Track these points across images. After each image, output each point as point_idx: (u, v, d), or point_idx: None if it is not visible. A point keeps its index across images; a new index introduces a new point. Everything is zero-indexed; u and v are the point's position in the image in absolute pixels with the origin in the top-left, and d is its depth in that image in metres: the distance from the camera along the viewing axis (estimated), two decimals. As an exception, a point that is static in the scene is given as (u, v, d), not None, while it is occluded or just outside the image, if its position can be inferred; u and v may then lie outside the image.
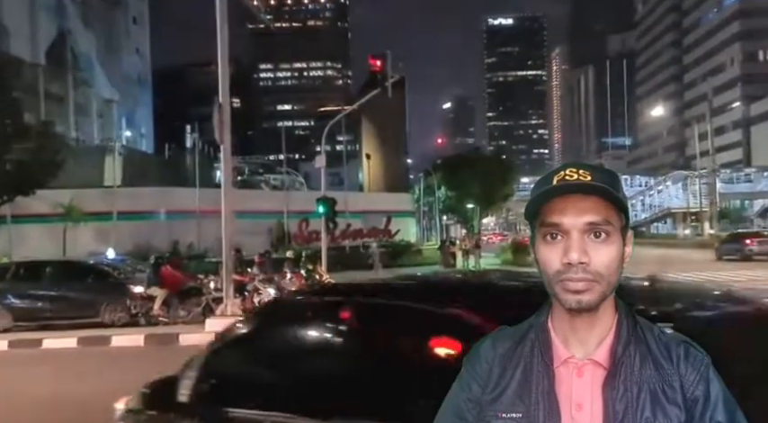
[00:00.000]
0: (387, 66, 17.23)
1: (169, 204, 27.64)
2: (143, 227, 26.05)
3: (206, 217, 28.72)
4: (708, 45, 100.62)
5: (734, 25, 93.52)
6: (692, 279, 17.25)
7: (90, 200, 25.95)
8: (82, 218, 24.97)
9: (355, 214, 32.04)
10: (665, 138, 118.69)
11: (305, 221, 30.70)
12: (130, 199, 26.99)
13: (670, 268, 23.67)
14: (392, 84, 17.96)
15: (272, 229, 29.62)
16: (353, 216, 31.85)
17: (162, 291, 11.92)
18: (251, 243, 25.71)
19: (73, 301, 12.62)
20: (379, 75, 17.51)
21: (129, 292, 12.52)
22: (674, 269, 20.91)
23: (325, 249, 20.06)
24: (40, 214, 25.18)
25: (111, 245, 24.32)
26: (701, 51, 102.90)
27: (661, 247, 47.87)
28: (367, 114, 79.41)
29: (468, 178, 38.37)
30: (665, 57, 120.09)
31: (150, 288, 12.08)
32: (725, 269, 23.89)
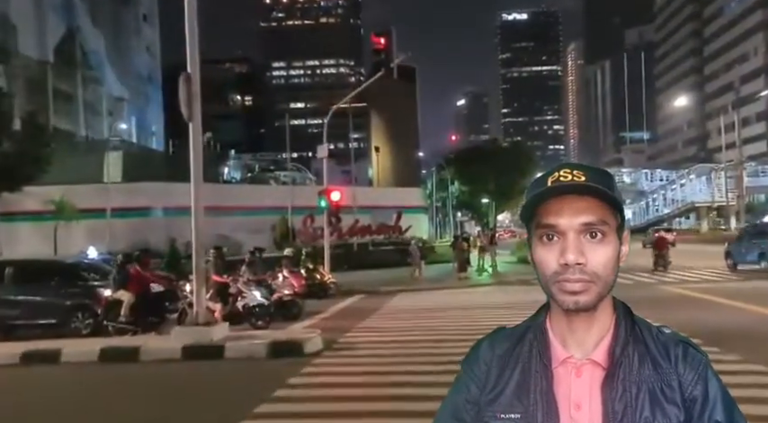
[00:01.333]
0: (391, 43, 15.59)
1: (167, 200, 26.19)
2: (139, 224, 24.68)
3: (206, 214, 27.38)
4: (730, 35, 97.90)
5: (757, 14, 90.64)
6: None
7: (83, 196, 24.66)
8: (74, 215, 23.71)
9: (364, 210, 30.45)
10: (686, 131, 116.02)
11: (310, 217, 29.16)
12: (125, 195, 25.60)
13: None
14: (402, 74, 16.32)
15: (276, 225, 28.15)
16: (362, 212, 30.26)
17: (129, 294, 10.43)
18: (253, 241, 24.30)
19: (36, 305, 11.20)
20: (383, 53, 15.75)
21: (97, 296, 11.05)
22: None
23: (328, 247, 18.53)
24: (30, 212, 23.97)
25: (104, 243, 23.05)
26: (723, 42, 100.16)
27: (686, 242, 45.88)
28: (376, 107, 77.85)
29: (484, 171, 36.51)
30: (684, 48, 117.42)
31: (118, 291, 10.59)
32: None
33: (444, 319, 12.26)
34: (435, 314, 13.18)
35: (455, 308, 13.99)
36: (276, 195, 28.94)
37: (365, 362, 8.13)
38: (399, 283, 20.23)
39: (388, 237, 31.42)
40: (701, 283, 17.69)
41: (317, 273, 17.05)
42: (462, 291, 18.61)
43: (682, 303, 13.24)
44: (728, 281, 18.13)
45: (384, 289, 18.72)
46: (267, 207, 28.54)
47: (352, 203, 30.03)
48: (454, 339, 9.21)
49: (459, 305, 14.54)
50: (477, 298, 16.14)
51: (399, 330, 10.85)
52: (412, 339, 9.66)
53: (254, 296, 10.97)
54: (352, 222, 30.22)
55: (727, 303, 12.78)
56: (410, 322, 11.97)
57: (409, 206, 33.66)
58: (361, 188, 38.96)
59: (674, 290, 16.18)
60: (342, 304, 15.79)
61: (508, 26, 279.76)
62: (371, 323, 12.14)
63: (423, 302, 15.80)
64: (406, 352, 8.67)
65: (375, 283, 20.40)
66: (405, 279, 21.38)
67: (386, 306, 15.26)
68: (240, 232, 27.46)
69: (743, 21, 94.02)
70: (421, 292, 18.46)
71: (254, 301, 10.91)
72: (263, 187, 44.77)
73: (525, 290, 16.44)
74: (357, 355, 8.75)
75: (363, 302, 16.41)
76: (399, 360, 8.09)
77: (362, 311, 14.02)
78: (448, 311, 13.37)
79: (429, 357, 8.10)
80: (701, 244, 40.87)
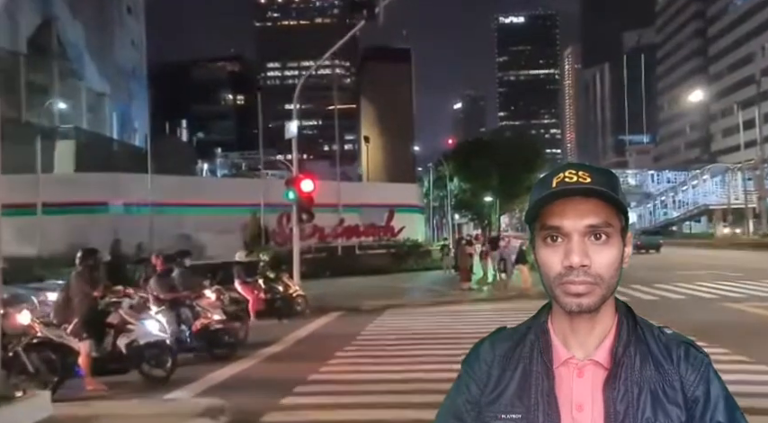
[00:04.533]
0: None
1: (117, 194, 22.22)
2: (80, 222, 20.64)
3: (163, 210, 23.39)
4: (735, 34, 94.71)
5: (765, 12, 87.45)
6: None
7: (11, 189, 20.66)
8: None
9: (351, 208, 26.49)
10: (689, 133, 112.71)
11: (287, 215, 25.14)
12: (64, 188, 21.52)
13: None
14: (396, 57, 12.18)
15: (247, 224, 24.11)
16: (349, 210, 26.31)
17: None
18: (219, 243, 20.32)
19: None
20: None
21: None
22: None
23: (297, 251, 14.58)
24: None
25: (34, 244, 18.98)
26: (728, 41, 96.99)
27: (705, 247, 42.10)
28: (367, 92, 72.48)
29: (487, 166, 32.47)
30: (688, 48, 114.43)
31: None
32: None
33: (453, 358, 8.18)
34: (438, 347, 9.21)
35: (467, 335, 9.77)
36: (249, 190, 24.85)
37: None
38: (389, 296, 16.29)
39: (378, 239, 27.41)
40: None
41: (280, 284, 13.05)
42: (471, 307, 14.65)
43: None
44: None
45: (368, 304, 14.75)
46: (238, 203, 24.50)
47: (336, 200, 26.07)
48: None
49: (471, 331, 10.46)
50: (493, 318, 12.10)
51: (380, 386, 6.89)
52: (400, 404, 5.71)
53: (145, 329, 6.94)
54: (336, 222, 26.22)
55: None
56: (400, 366, 7.98)
57: (403, 205, 29.50)
58: (347, 183, 34.81)
59: (749, 309, 12.30)
60: (309, 327, 11.84)
61: (505, 29, 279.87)
62: (339, 367, 8.15)
63: (420, 324, 11.90)
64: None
65: (359, 294, 16.48)
66: (445, 288, 17.18)
67: (367, 330, 11.36)
68: (205, 232, 23.44)
69: (750, 19, 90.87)
70: (416, 309, 14.50)
71: (146, 336, 6.89)
72: (231, 180, 40.59)
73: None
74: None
75: (338, 324, 12.49)
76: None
77: (332, 341, 10.04)
78: (459, 341, 9.04)
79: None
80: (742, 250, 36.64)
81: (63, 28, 66.87)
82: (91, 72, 71.34)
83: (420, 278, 22.51)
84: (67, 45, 67.65)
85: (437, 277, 22.47)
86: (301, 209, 14.54)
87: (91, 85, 71.15)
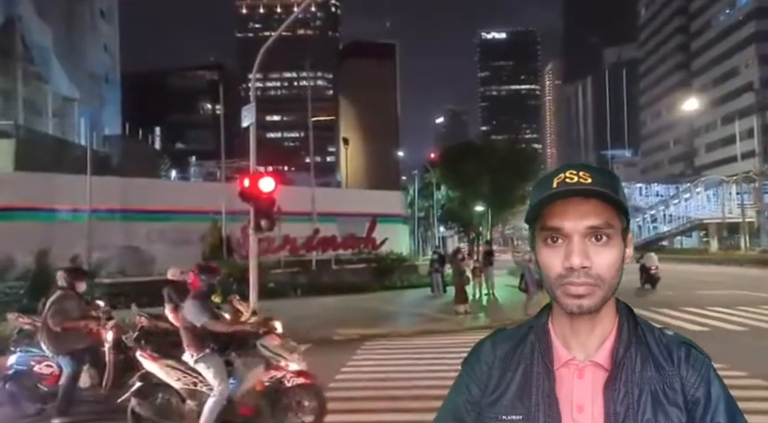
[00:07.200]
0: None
1: (49, 198, 19.01)
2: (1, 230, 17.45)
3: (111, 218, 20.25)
4: (719, 49, 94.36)
5: (750, 26, 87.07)
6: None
7: None
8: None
9: (327, 217, 23.60)
10: (672, 148, 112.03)
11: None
12: (-12, 189, 18.32)
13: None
14: (379, 52, 9.63)
15: (206, 235, 21.08)
16: (325, 219, 23.42)
17: None
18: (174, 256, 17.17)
19: None
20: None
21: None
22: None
23: (255, 265, 11.69)
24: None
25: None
26: (711, 55, 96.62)
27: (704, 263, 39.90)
28: (347, 92, 68.66)
29: (477, 172, 29.78)
30: (670, 62, 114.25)
31: None
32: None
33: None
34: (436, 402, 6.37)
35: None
36: (211, 195, 21.83)
37: None
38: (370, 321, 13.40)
39: (357, 252, 24.48)
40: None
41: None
42: (471, 338, 11.67)
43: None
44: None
45: (341, 333, 11.83)
46: (198, 210, 21.46)
47: (310, 208, 23.14)
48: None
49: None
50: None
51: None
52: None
53: None
54: (310, 232, 23.26)
55: None
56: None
57: (386, 214, 26.64)
58: (323, 189, 31.81)
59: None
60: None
61: (487, 45, 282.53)
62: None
63: (407, 365, 9.00)
64: None
65: (331, 319, 13.56)
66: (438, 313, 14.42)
67: (337, 377, 8.39)
68: (159, 243, 20.34)
69: (733, 33, 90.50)
70: (399, 340, 11.59)
71: None
72: (192, 184, 37.32)
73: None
74: None
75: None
76: None
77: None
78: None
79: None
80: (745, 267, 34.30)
81: (28, 29, 63.43)
82: (58, 76, 67.78)
83: (405, 298, 19.63)
84: (33, 47, 64.17)
85: (425, 298, 19.59)
86: (259, 213, 11.63)
87: (58, 90, 67.52)
